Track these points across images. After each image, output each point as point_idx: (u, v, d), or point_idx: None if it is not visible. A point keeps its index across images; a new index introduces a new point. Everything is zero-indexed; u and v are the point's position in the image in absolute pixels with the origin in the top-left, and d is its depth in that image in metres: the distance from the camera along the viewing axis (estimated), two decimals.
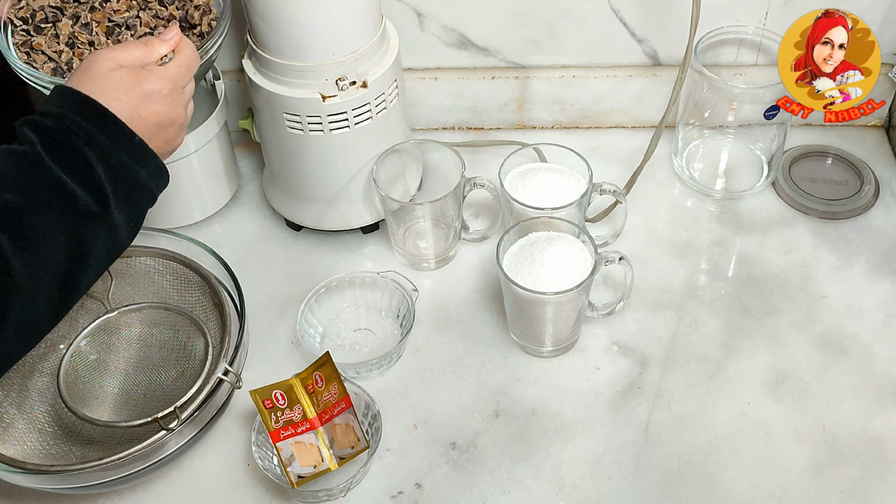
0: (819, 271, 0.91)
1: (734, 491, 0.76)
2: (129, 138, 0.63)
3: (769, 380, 0.83)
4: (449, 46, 1.01)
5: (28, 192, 0.59)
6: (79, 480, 0.73)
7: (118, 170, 0.62)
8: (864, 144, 1.03)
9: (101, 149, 0.61)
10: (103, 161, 0.61)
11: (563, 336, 0.84)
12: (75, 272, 0.61)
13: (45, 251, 0.59)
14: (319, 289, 0.88)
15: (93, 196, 0.61)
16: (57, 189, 0.60)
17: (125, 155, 0.63)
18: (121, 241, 0.65)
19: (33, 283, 0.58)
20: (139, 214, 0.66)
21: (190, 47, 0.70)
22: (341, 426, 0.77)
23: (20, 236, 0.58)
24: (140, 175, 0.64)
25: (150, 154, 0.65)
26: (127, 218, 0.64)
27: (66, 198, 0.60)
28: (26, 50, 0.81)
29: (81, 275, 0.62)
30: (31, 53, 0.81)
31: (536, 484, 0.77)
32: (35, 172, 0.59)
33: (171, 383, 0.82)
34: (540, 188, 0.89)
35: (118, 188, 0.62)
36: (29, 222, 0.58)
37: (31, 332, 0.61)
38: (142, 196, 0.65)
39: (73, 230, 0.60)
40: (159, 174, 0.67)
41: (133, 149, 0.63)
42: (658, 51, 1.01)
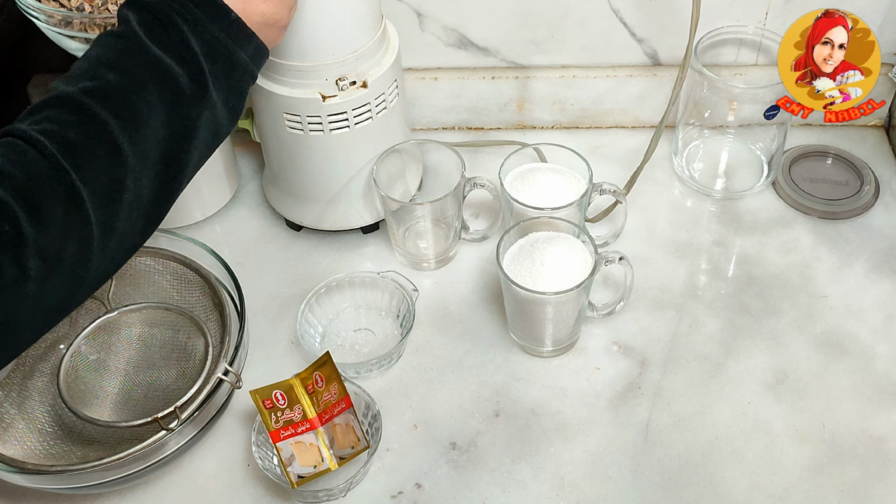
0: (819, 271, 0.91)
1: (734, 491, 0.76)
2: (226, 15, 0.63)
3: (769, 380, 0.83)
4: (449, 46, 1.01)
5: (127, 71, 0.60)
6: (79, 480, 0.73)
7: (215, 47, 0.62)
8: (864, 144, 1.03)
9: (196, 23, 0.61)
10: (199, 37, 0.62)
11: (563, 336, 0.84)
12: (179, 151, 0.62)
13: (149, 129, 0.59)
14: (319, 289, 0.88)
15: (190, 74, 0.61)
16: (155, 68, 0.60)
17: (223, 32, 0.63)
18: (221, 121, 0.65)
19: (141, 161, 0.59)
20: (238, 95, 0.66)
21: None
22: (341, 426, 0.77)
23: (125, 115, 0.59)
24: (238, 55, 0.64)
25: (248, 33, 0.64)
26: (226, 98, 0.64)
27: (165, 76, 0.60)
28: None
29: (186, 155, 0.62)
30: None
31: (536, 484, 0.77)
32: (133, 52, 0.60)
33: (171, 383, 0.82)
34: (540, 188, 0.89)
35: (216, 67, 0.62)
36: (131, 101, 0.59)
37: (142, 214, 0.61)
38: (241, 77, 0.65)
39: (173, 108, 0.61)
40: (259, 53, 0.66)
41: (230, 27, 0.63)
42: (658, 51, 1.01)
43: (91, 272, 0.59)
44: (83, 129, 0.58)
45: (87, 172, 0.57)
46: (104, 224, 0.58)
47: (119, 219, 0.59)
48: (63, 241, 0.56)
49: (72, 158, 0.57)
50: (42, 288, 0.56)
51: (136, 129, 0.59)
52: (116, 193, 0.58)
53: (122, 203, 0.59)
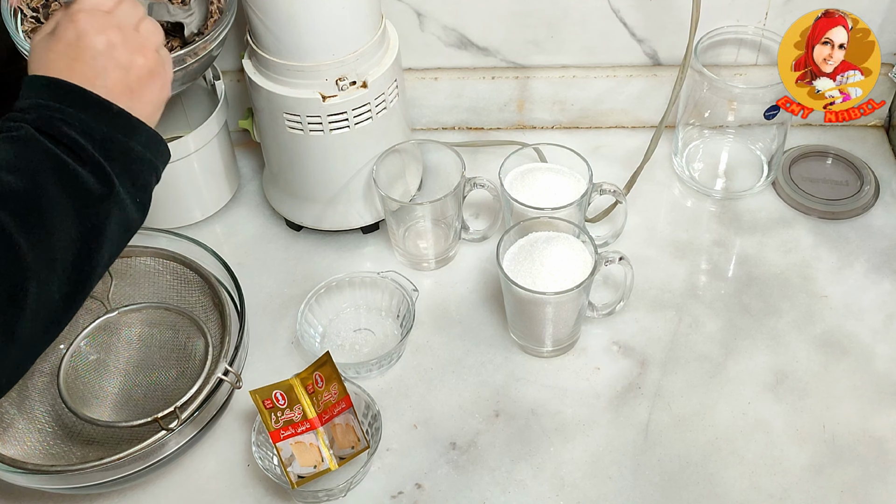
0: (819, 271, 0.91)
1: (734, 491, 0.76)
2: (107, 108, 0.62)
3: (769, 380, 0.83)
4: (449, 46, 1.01)
5: (32, 173, 0.58)
6: (79, 480, 0.73)
7: (107, 145, 0.61)
8: (864, 144, 1.03)
9: (83, 125, 0.60)
10: (90, 138, 0.60)
11: (563, 336, 0.84)
12: (89, 252, 0.60)
13: (54, 231, 0.58)
14: (319, 289, 0.88)
15: (94, 174, 0.60)
16: (60, 169, 0.59)
17: (109, 128, 0.61)
18: (132, 218, 0.63)
19: (46, 265, 0.57)
20: (143, 190, 0.64)
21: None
22: (341, 426, 0.77)
23: (26, 217, 0.57)
24: (132, 146, 0.62)
25: (134, 123, 0.63)
26: (132, 196, 0.62)
27: (70, 176, 0.59)
28: None
29: (96, 255, 0.61)
30: None
31: (536, 484, 0.77)
32: (36, 155, 0.59)
33: (171, 383, 0.82)
34: (540, 188, 0.89)
35: (114, 164, 0.61)
36: (35, 203, 0.57)
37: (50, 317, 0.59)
38: (141, 168, 0.63)
39: (81, 209, 0.59)
40: (154, 143, 0.64)
41: (115, 121, 0.62)
42: (658, 51, 1.01)
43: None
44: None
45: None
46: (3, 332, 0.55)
47: (21, 326, 0.56)
48: None
49: None
50: None
51: (39, 232, 0.57)
52: (16, 299, 0.55)
53: (23, 309, 0.56)
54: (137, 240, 0.67)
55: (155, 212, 0.69)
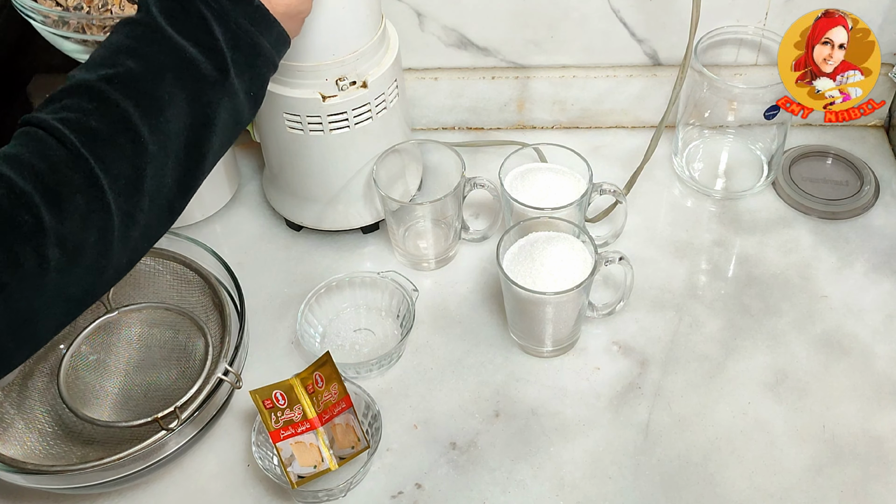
0: (819, 271, 0.91)
1: (734, 491, 0.76)
2: (249, 1, 0.62)
3: (769, 380, 0.83)
4: (449, 46, 1.01)
5: (147, 58, 0.59)
6: (79, 480, 0.73)
7: (238, 35, 0.61)
8: (864, 144, 1.03)
9: (219, 9, 0.60)
10: (222, 23, 0.61)
11: (563, 336, 0.84)
12: (200, 139, 0.61)
13: (170, 117, 0.59)
14: (319, 289, 0.88)
15: (211, 61, 0.60)
16: (175, 55, 0.59)
17: (245, 19, 0.62)
18: (242, 109, 0.64)
19: (162, 149, 0.58)
20: (260, 84, 0.65)
21: None
22: (341, 426, 0.77)
23: (145, 102, 0.58)
24: (261, 42, 0.63)
25: (271, 20, 0.63)
26: (248, 86, 0.63)
27: (185, 63, 0.59)
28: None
29: (207, 142, 0.61)
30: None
31: (536, 484, 0.77)
32: (152, 38, 0.59)
33: (171, 383, 0.82)
34: (540, 188, 0.89)
35: (238, 54, 0.61)
36: (151, 88, 0.58)
37: (164, 204, 0.60)
38: (263, 64, 0.64)
39: (194, 96, 0.60)
40: (281, 42, 0.65)
41: (254, 13, 0.62)
42: (658, 51, 1.01)
43: (112, 263, 0.58)
44: (103, 117, 0.57)
45: (107, 161, 0.56)
46: (125, 214, 0.57)
47: (141, 209, 0.58)
48: (83, 231, 0.55)
49: (91, 147, 0.56)
50: (63, 278, 0.55)
51: (157, 116, 0.58)
52: (138, 182, 0.57)
53: (143, 192, 0.58)
54: None
55: None
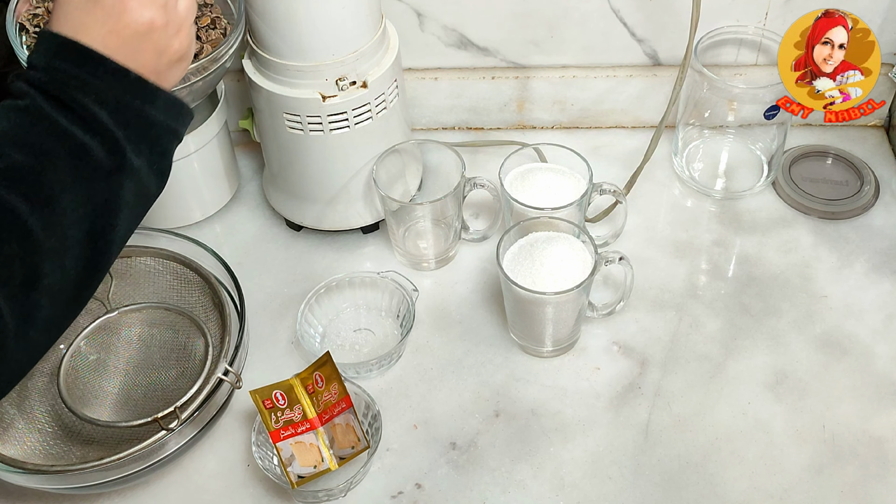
0: (819, 271, 0.91)
1: (734, 491, 0.76)
2: (124, 76, 0.58)
3: (769, 380, 0.83)
4: (449, 46, 1.01)
5: (37, 148, 0.56)
6: (79, 480, 0.73)
7: (122, 111, 0.58)
8: (864, 144, 1.03)
9: (97, 93, 0.57)
10: (104, 106, 0.57)
11: (563, 336, 0.84)
12: (103, 226, 0.58)
13: (64, 207, 0.55)
14: (319, 289, 0.88)
15: (103, 144, 0.57)
16: (66, 141, 0.56)
17: (126, 94, 0.58)
18: (148, 186, 0.60)
19: (59, 242, 0.55)
20: (162, 155, 0.61)
21: None
22: (341, 426, 0.77)
23: (35, 195, 0.55)
24: (148, 113, 0.59)
25: (152, 89, 0.60)
26: (148, 161, 0.59)
27: (78, 149, 0.56)
28: None
29: (111, 228, 0.58)
30: None
31: (536, 484, 0.77)
32: (41, 127, 0.56)
33: (171, 383, 0.82)
34: (540, 188, 0.89)
35: (129, 132, 0.58)
36: (42, 180, 0.55)
37: (70, 295, 0.58)
38: (159, 134, 0.60)
39: (90, 183, 0.57)
40: (173, 107, 0.61)
41: (131, 85, 0.58)
42: (658, 51, 1.01)
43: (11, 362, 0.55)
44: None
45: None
46: (20, 316, 0.54)
47: (39, 306, 0.55)
48: None
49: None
50: None
51: (50, 210, 0.55)
52: (32, 282, 0.54)
53: (40, 290, 0.55)
54: (137, 240, 0.67)
55: (155, 212, 0.69)
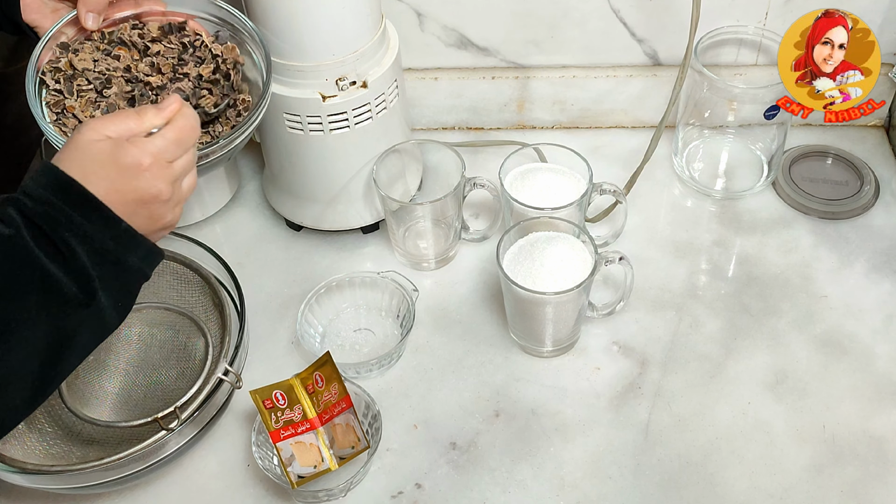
0: (819, 271, 0.91)
1: (734, 491, 0.76)
2: (115, 225, 0.60)
3: (769, 380, 0.83)
4: (449, 46, 1.01)
5: (9, 277, 0.56)
6: (79, 480, 0.73)
7: (104, 256, 0.60)
8: (864, 144, 1.03)
9: (85, 236, 0.59)
10: (88, 248, 0.59)
11: (563, 336, 0.84)
12: (56, 359, 0.59)
13: (22, 339, 0.56)
14: (319, 289, 0.88)
15: (77, 284, 0.58)
16: (40, 276, 0.57)
17: (111, 241, 0.60)
18: (108, 324, 0.62)
19: (8, 371, 0.56)
20: (128, 295, 0.63)
21: (186, 118, 0.65)
22: (341, 426, 0.77)
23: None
24: (128, 260, 0.61)
25: (139, 240, 0.62)
26: (115, 300, 0.61)
27: (50, 285, 0.57)
28: (58, 110, 0.76)
29: (63, 362, 0.60)
30: (62, 115, 0.76)
31: (536, 484, 0.77)
32: (18, 258, 0.57)
33: (171, 383, 0.82)
34: (540, 188, 0.89)
35: (105, 273, 0.60)
36: (7, 310, 0.56)
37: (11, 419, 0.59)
38: (131, 279, 0.62)
39: (55, 317, 0.58)
40: (151, 256, 0.63)
41: (120, 235, 0.60)
42: (658, 51, 1.01)
43: None
44: None
45: None
46: None
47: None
48: None
49: None
50: None
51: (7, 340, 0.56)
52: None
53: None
54: None
55: None
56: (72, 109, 0.75)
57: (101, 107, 0.75)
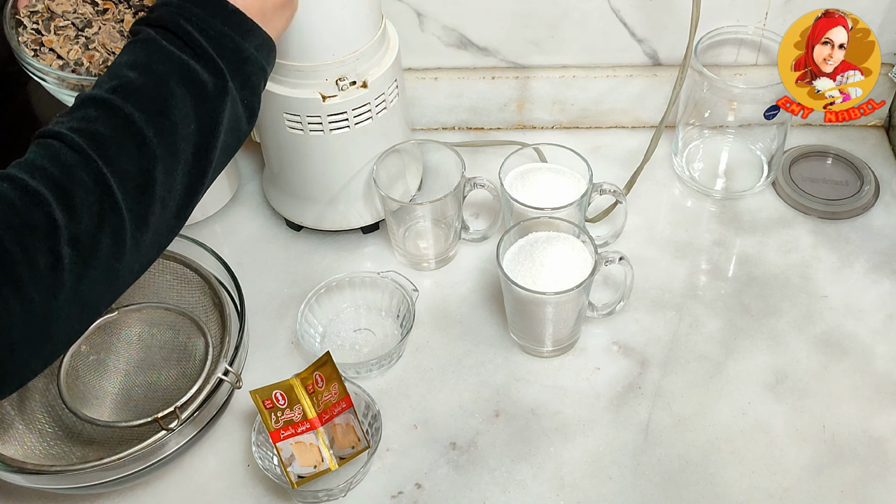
0: (819, 271, 0.91)
1: (734, 491, 0.76)
2: (223, 7, 0.64)
3: (769, 380, 0.83)
4: (449, 46, 1.01)
5: (151, 69, 0.61)
6: (79, 480, 0.73)
7: (222, 42, 0.63)
8: (864, 144, 1.03)
9: (199, 21, 0.63)
10: (205, 34, 0.63)
11: (563, 336, 0.84)
12: (207, 144, 0.63)
13: (176, 122, 0.61)
14: (319, 289, 0.88)
15: (208, 69, 0.63)
16: (177, 65, 0.62)
17: (224, 26, 0.64)
18: (241, 118, 0.66)
19: (169, 153, 0.60)
20: (252, 91, 0.66)
21: None
22: (341, 426, 0.77)
23: (150, 108, 0.60)
24: (244, 47, 0.65)
25: (250, 25, 0.65)
26: (240, 93, 0.65)
27: (187, 71, 0.62)
28: (35, 47, 0.79)
29: (213, 148, 0.63)
30: (39, 52, 0.79)
31: (536, 484, 0.77)
32: (153, 52, 0.62)
33: (171, 383, 0.82)
34: (540, 188, 0.89)
35: (226, 61, 0.64)
36: (155, 95, 0.61)
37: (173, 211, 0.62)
38: (251, 70, 0.66)
39: (198, 102, 0.62)
40: (266, 48, 0.67)
41: (230, 19, 0.64)
42: (658, 51, 1.01)
43: (125, 266, 0.59)
44: (109, 122, 0.59)
45: (115, 163, 0.58)
46: (137, 216, 0.59)
47: (152, 212, 0.60)
48: (97, 231, 0.57)
49: (99, 149, 0.58)
50: (78, 280, 0.56)
51: (163, 121, 0.60)
52: (147, 185, 0.59)
53: (153, 195, 0.60)
54: None
55: None
56: (49, 43, 0.77)
57: (80, 41, 0.77)
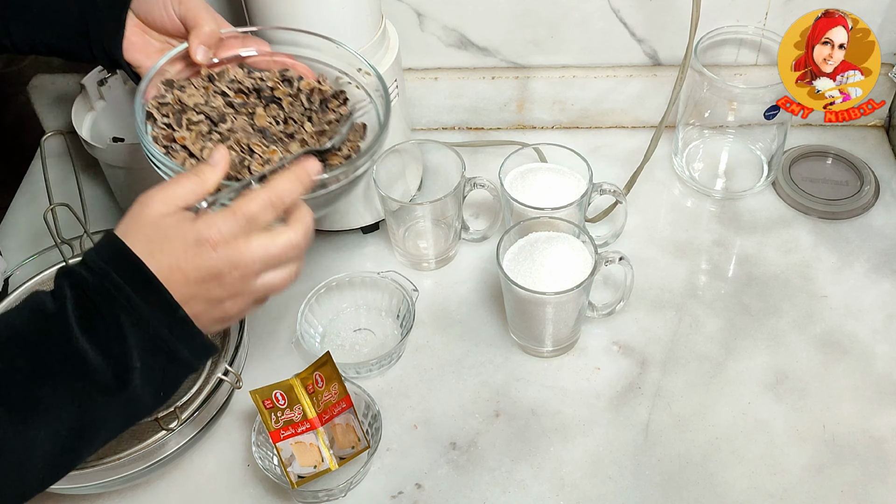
0: (819, 271, 0.91)
1: (734, 491, 0.76)
2: (173, 312, 0.56)
3: (769, 380, 0.83)
4: (449, 46, 1.01)
5: (42, 357, 0.54)
6: (79, 480, 0.73)
7: (156, 344, 0.56)
8: (864, 144, 1.03)
9: (139, 319, 0.55)
10: (139, 333, 0.55)
11: (563, 336, 0.84)
12: (78, 445, 0.56)
13: (45, 423, 0.54)
14: (319, 289, 0.88)
15: (113, 370, 0.55)
16: (74, 360, 0.54)
17: (166, 330, 0.56)
18: (142, 411, 0.58)
19: (26, 454, 0.54)
20: (172, 386, 0.60)
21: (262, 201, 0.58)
22: (341, 426, 0.77)
23: (20, 407, 0.53)
24: (179, 351, 0.57)
25: (195, 332, 0.58)
26: (155, 390, 0.58)
27: (84, 371, 0.54)
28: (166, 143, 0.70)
29: (84, 447, 0.57)
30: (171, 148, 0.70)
31: (536, 484, 0.77)
32: (55, 337, 0.54)
33: None
34: (540, 188, 0.89)
35: (152, 363, 0.56)
36: (33, 393, 0.53)
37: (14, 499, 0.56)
38: (178, 370, 0.59)
39: (83, 405, 0.55)
40: (203, 352, 0.59)
41: (176, 325, 0.57)
42: (658, 51, 1.01)
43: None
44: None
45: None
46: None
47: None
48: None
49: None
50: None
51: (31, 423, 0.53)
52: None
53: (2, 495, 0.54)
54: None
55: None
56: (182, 140, 0.70)
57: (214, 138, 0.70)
